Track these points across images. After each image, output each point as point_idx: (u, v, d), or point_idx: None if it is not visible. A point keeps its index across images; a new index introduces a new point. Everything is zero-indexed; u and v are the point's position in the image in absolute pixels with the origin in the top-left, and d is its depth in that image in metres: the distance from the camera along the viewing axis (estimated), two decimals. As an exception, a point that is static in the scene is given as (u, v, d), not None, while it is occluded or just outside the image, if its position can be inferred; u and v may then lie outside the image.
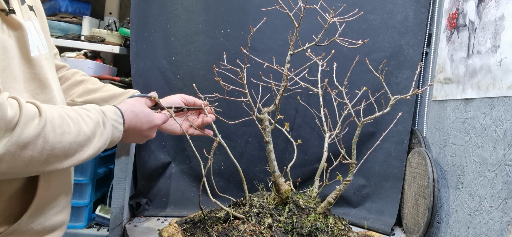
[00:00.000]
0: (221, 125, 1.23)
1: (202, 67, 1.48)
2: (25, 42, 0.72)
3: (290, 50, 1.07)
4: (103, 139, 0.76)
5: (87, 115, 0.74)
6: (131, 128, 0.89)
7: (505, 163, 1.02)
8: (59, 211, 0.82)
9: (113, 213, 1.35)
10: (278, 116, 1.10)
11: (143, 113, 0.93)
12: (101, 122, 0.77)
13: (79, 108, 0.74)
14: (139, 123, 0.91)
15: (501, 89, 1.05)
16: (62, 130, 0.66)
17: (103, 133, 0.76)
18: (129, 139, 0.93)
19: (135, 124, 0.90)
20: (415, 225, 1.34)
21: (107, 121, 0.78)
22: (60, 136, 0.65)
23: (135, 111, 0.90)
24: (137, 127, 0.91)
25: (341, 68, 1.31)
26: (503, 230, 1.00)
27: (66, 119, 0.68)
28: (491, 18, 1.12)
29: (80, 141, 0.70)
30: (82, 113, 0.73)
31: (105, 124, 0.78)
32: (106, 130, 0.77)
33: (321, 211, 1.08)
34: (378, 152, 1.48)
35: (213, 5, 1.48)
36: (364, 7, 1.46)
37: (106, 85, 1.13)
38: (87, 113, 0.74)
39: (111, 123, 0.80)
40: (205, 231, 1.03)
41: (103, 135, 0.76)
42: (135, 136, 0.94)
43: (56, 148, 0.65)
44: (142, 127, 0.92)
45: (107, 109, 0.81)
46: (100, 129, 0.75)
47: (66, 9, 1.77)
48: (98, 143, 0.75)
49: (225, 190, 1.21)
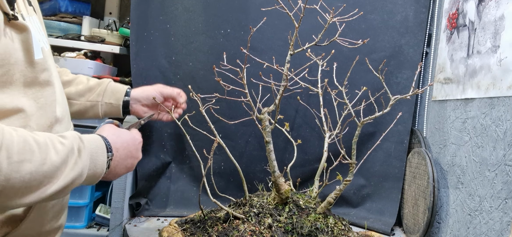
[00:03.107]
0: (221, 125, 1.23)
1: (202, 67, 1.48)
2: (30, 46, 0.70)
3: (290, 50, 1.07)
4: (78, 169, 0.66)
5: (59, 141, 0.65)
6: (120, 153, 0.79)
7: (505, 163, 1.02)
8: (56, 215, 0.82)
9: (113, 213, 1.35)
10: (278, 116, 1.10)
11: (124, 132, 0.84)
12: (76, 149, 0.66)
13: (54, 134, 0.67)
14: (125, 143, 0.82)
15: (501, 89, 1.05)
16: (20, 158, 0.57)
17: (77, 163, 0.66)
18: (118, 168, 0.81)
19: (123, 146, 0.80)
20: (415, 225, 1.34)
21: (83, 148, 0.68)
22: (17, 164, 0.56)
23: (116, 133, 0.81)
24: (126, 148, 0.81)
25: (341, 68, 1.31)
26: (503, 230, 1.00)
27: (30, 144, 0.59)
28: (491, 18, 1.12)
29: (45, 171, 0.60)
30: (53, 139, 0.64)
31: (81, 152, 0.67)
32: (81, 159, 0.67)
33: (321, 211, 1.08)
34: (378, 152, 1.48)
35: (213, 5, 1.48)
36: (364, 7, 1.46)
37: (78, 76, 1.12)
38: (61, 139, 0.65)
39: (90, 151, 0.70)
40: (205, 231, 1.03)
41: (78, 165, 0.66)
42: (126, 160, 0.83)
43: (12, 178, 0.55)
44: (130, 148, 0.83)
45: (87, 137, 0.72)
46: (73, 157, 0.65)
47: (66, 9, 1.77)
48: (71, 173, 0.64)
49: (225, 190, 1.21)
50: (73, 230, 1.43)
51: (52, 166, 0.61)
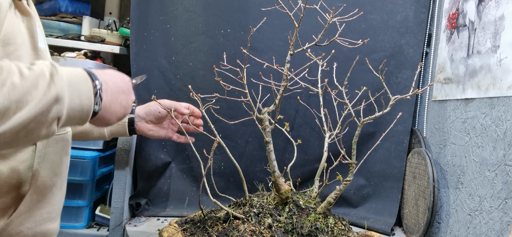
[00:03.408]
0: (221, 125, 1.23)
1: (202, 67, 1.48)
2: (34, 31, 0.70)
3: (290, 50, 1.07)
4: (52, 94, 0.57)
5: (26, 66, 0.57)
6: (110, 86, 0.70)
7: (505, 163, 1.02)
8: (52, 219, 0.81)
9: (113, 213, 1.35)
10: (278, 116, 1.10)
11: (120, 78, 0.75)
12: (48, 74, 0.58)
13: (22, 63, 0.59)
14: (111, 76, 0.72)
15: (501, 89, 1.05)
16: None
17: (50, 87, 0.57)
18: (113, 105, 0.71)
19: (111, 80, 0.71)
20: (415, 225, 1.34)
21: (56, 73, 0.59)
22: None
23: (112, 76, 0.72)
24: (114, 82, 0.72)
25: (341, 68, 1.31)
26: (503, 230, 1.00)
27: None
28: (491, 18, 1.12)
29: (7, 94, 0.52)
30: (20, 64, 0.57)
31: (53, 76, 0.58)
32: (54, 83, 0.58)
33: (321, 211, 1.08)
34: (378, 152, 1.48)
35: (213, 5, 1.48)
36: (364, 7, 1.46)
37: None
38: (28, 65, 0.58)
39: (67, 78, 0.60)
40: (205, 231, 1.03)
41: (51, 90, 0.57)
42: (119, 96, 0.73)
43: None
44: (118, 82, 0.73)
45: (64, 67, 0.63)
46: (44, 81, 0.57)
47: (66, 9, 1.77)
48: (44, 98, 0.56)
49: (225, 190, 1.21)
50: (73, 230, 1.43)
51: (16, 88, 0.54)
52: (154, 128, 1.18)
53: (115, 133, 1.15)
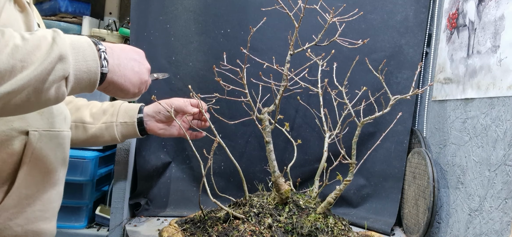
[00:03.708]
0: (221, 125, 1.23)
1: (202, 67, 1.48)
2: (31, 27, 0.70)
3: (290, 50, 1.07)
4: (55, 54, 0.58)
5: (28, 32, 0.59)
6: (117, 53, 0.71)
7: (505, 163, 1.02)
8: (46, 219, 0.80)
9: (113, 213, 1.35)
10: (278, 116, 1.10)
11: (130, 48, 0.76)
12: (50, 37, 0.60)
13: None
14: (119, 46, 0.73)
15: (501, 89, 1.05)
16: None
17: (53, 48, 0.58)
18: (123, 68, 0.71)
19: (118, 47, 0.72)
20: (415, 225, 1.34)
21: (57, 36, 0.61)
22: None
23: (121, 46, 0.74)
24: (122, 49, 0.73)
25: (341, 68, 1.31)
26: (503, 230, 1.00)
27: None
28: (491, 18, 1.12)
29: (11, 53, 0.54)
30: (21, 31, 0.59)
31: (55, 39, 0.60)
32: (57, 44, 0.59)
33: (321, 211, 1.08)
34: (378, 152, 1.48)
35: (213, 5, 1.48)
36: (364, 7, 1.46)
37: (91, 102, 1.10)
38: (31, 31, 0.60)
39: (70, 41, 0.62)
40: (205, 231, 1.03)
41: (54, 50, 0.58)
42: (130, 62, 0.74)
43: None
44: (127, 50, 0.74)
45: (67, 35, 0.64)
46: (46, 42, 0.58)
47: (66, 9, 1.77)
48: (48, 58, 0.57)
49: (225, 190, 1.21)
50: (73, 230, 1.43)
51: (19, 49, 0.55)
52: (165, 127, 1.17)
53: (126, 135, 1.12)
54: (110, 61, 0.68)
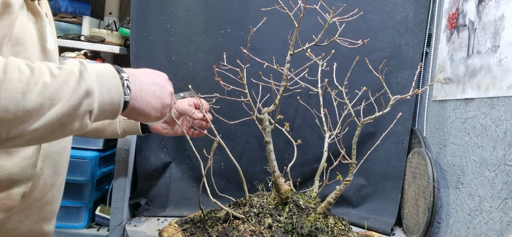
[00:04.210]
0: (221, 125, 1.23)
1: (202, 67, 1.48)
2: (44, 32, 0.70)
3: (290, 50, 1.07)
4: (82, 89, 0.59)
5: (56, 66, 0.59)
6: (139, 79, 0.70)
7: (505, 163, 1.02)
8: (48, 219, 0.81)
9: (113, 213, 1.35)
10: (278, 116, 1.10)
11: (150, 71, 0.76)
12: (77, 71, 0.60)
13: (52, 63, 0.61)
14: (140, 70, 0.73)
15: (501, 89, 1.05)
16: (8, 77, 0.52)
17: (80, 83, 0.59)
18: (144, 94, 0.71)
19: (139, 72, 0.72)
20: (415, 225, 1.34)
21: (85, 70, 0.61)
22: (4, 83, 0.51)
23: (141, 70, 0.74)
24: (144, 74, 0.73)
25: (341, 68, 1.31)
26: (503, 230, 1.00)
27: (19, 66, 0.54)
28: (491, 18, 1.12)
29: (41, 91, 0.54)
30: (49, 64, 0.59)
31: (83, 72, 0.60)
32: (84, 79, 0.59)
33: (321, 211, 1.08)
34: (378, 152, 1.48)
35: (213, 5, 1.48)
36: (364, 7, 1.46)
37: None
38: (58, 65, 0.60)
39: (95, 73, 0.62)
40: (205, 231, 1.03)
41: (81, 86, 0.59)
42: (151, 86, 0.73)
43: (1, 99, 0.51)
44: (148, 74, 0.74)
45: (92, 63, 0.65)
46: (73, 77, 0.58)
47: (66, 9, 1.77)
48: (75, 94, 0.58)
49: (225, 190, 1.21)
50: (73, 230, 1.43)
51: (48, 87, 0.55)
52: (168, 127, 1.15)
53: (127, 131, 1.12)
54: (132, 89, 0.69)
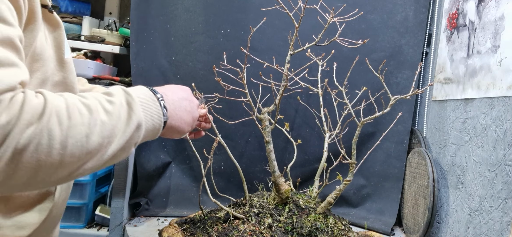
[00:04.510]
0: (221, 125, 1.23)
1: (202, 67, 1.48)
2: (61, 42, 0.67)
3: (290, 50, 1.07)
4: (134, 123, 0.60)
5: (106, 100, 0.59)
6: (171, 97, 0.72)
7: (505, 163, 1.02)
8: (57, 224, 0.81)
9: (113, 213, 1.35)
10: (278, 116, 1.10)
11: (177, 87, 0.77)
12: (125, 103, 0.61)
13: (97, 93, 0.61)
14: (169, 87, 0.74)
15: (501, 89, 1.05)
16: (72, 122, 0.52)
17: (131, 116, 0.60)
18: (177, 111, 0.73)
19: (169, 90, 0.73)
20: (415, 225, 1.34)
21: (132, 100, 0.62)
22: (70, 129, 0.52)
23: (169, 87, 0.75)
24: (172, 91, 0.74)
25: (341, 68, 1.31)
26: (503, 230, 1.00)
27: (79, 107, 0.54)
28: (491, 18, 1.12)
29: (100, 131, 0.55)
30: (100, 98, 0.59)
31: (131, 104, 0.61)
32: (134, 112, 0.61)
33: (321, 211, 1.08)
34: (378, 152, 1.48)
35: (213, 5, 1.48)
36: (364, 7, 1.46)
37: (95, 87, 1.06)
38: (107, 97, 0.60)
39: (140, 101, 0.63)
40: (205, 231, 1.03)
41: (133, 119, 0.60)
42: (182, 102, 0.75)
43: (68, 145, 0.51)
44: (175, 90, 0.75)
45: (132, 89, 0.65)
46: (124, 111, 0.60)
47: (66, 9, 1.77)
48: (128, 129, 0.59)
49: (225, 190, 1.21)
50: (73, 230, 1.43)
51: (105, 125, 0.56)
52: None
53: None
54: (168, 108, 0.70)
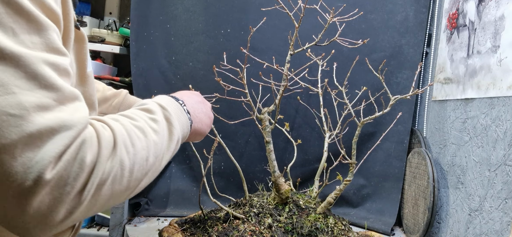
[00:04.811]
0: (221, 125, 1.23)
1: (202, 67, 1.48)
2: (85, 57, 0.65)
3: (290, 50, 1.07)
4: (176, 137, 0.64)
5: (150, 118, 0.61)
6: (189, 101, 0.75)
7: (505, 163, 1.02)
8: None
9: (113, 213, 1.35)
10: (278, 116, 1.10)
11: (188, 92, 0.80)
12: (165, 119, 0.63)
13: (138, 111, 0.62)
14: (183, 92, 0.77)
15: (501, 89, 1.05)
16: (135, 150, 0.55)
17: (172, 132, 0.63)
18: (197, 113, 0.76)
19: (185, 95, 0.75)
20: (415, 225, 1.34)
21: (170, 116, 0.64)
22: (134, 156, 0.54)
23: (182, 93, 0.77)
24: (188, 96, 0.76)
25: (341, 68, 1.31)
26: (503, 230, 1.00)
27: (135, 132, 0.56)
28: (491, 18, 1.12)
29: (154, 151, 0.58)
30: (145, 118, 0.61)
31: (169, 120, 0.64)
32: (174, 127, 0.64)
33: (321, 211, 1.08)
34: (378, 152, 1.48)
35: (213, 5, 1.48)
36: (364, 7, 1.46)
37: (120, 91, 1.07)
38: (149, 115, 0.62)
39: (175, 115, 0.66)
40: (205, 231, 1.03)
41: (174, 134, 0.64)
42: (199, 105, 0.78)
43: (134, 171, 0.54)
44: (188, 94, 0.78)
45: (163, 101, 0.67)
46: (166, 128, 0.63)
47: (66, 9, 1.77)
48: (172, 144, 0.63)
49: (225, 190, 1.21)
50: (73, 230, 1.43)
51: (157, 145, 0.59)
52: None
53: None
54: (191, 113, 0.73)
